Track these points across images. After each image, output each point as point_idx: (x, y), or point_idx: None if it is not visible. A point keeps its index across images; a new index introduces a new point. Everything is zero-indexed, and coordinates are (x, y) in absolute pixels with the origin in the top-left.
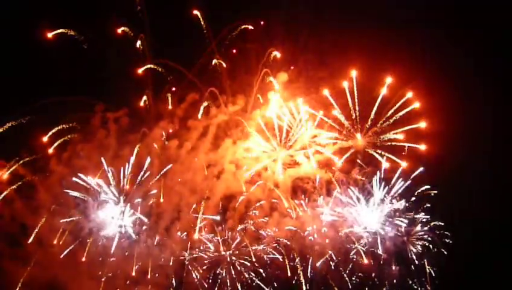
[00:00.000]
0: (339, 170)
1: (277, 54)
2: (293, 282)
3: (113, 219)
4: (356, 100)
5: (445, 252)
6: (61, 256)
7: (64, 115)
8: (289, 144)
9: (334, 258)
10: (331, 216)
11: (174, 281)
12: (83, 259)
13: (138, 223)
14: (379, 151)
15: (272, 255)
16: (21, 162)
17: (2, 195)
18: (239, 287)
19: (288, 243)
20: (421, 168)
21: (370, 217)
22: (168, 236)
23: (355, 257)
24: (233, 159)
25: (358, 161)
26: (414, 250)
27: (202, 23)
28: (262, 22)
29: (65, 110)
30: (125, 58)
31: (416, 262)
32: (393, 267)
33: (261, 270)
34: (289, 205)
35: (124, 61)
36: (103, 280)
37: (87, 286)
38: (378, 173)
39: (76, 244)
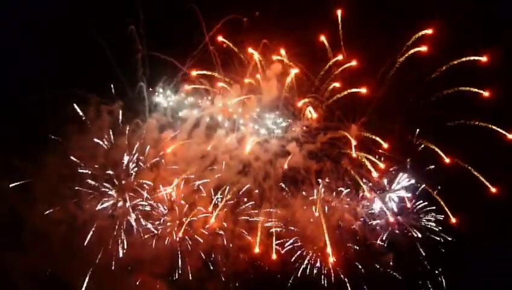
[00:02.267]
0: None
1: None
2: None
3: (108, 209)
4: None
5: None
6: (59, 246)
7: (59, 107)
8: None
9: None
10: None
11: (169, 270)
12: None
13: (134, 214)
14: None
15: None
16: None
17: None
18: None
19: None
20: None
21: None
22: (162, 226)
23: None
24: (225, 150)
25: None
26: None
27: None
28: (257, 13)
29: (60, 103)
30: (119, 51)
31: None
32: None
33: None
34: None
35: (119, 53)
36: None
37: (84, 274)
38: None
39: (72, 234)
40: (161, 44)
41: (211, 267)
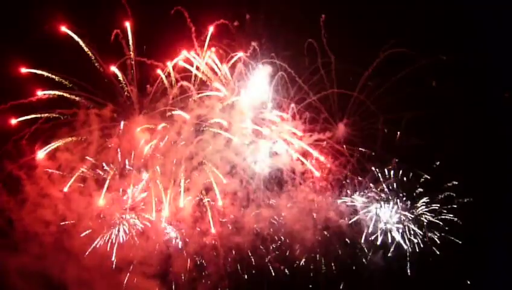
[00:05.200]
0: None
1: None
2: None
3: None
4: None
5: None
6: (49, 246)
7: (48, 110)
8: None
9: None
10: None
11: (159, 271)
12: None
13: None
14: None
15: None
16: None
17: None
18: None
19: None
20: None
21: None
22: (150, 227)
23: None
24: (212, 151)
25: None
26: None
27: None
28: (248, 16)
29: (50, 106)
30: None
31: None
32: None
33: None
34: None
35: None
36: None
37: (74, 273)
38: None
39: (62, 234)
40: (149, 48)
41: (202, 268)
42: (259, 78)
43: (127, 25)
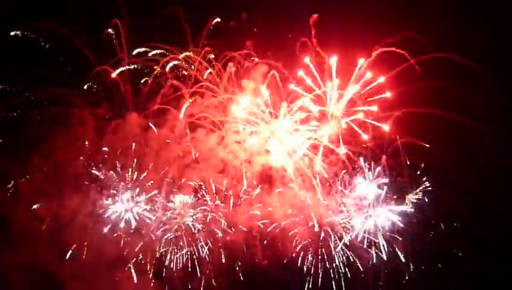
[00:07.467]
0: None
1: None
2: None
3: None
4: None
5: None
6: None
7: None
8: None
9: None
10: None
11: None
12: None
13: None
14: None
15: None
16: None
17: None
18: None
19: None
20: None
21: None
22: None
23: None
24: (206, 149)
25: None
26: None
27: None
28: (243, 15)
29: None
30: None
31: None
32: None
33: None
34: None
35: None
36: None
37: (70, 268)
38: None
39: (57, 231)
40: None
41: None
42: (253, 77)
43: (121, 24)
